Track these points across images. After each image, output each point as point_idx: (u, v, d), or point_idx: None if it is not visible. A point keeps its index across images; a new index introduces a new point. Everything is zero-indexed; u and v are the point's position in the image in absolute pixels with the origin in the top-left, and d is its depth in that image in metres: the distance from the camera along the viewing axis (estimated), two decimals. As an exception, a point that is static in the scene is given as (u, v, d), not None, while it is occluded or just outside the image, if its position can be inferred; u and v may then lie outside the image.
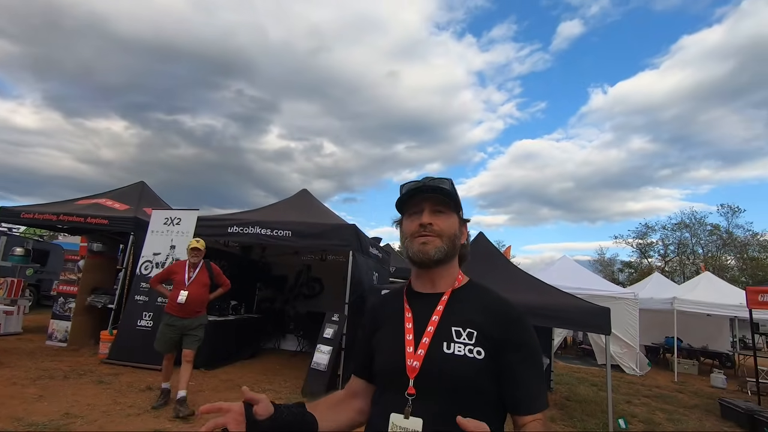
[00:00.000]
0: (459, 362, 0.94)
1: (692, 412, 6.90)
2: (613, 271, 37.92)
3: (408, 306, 1.08)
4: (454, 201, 1.07)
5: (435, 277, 1.08)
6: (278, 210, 7.42)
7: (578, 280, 10.99)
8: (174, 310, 4.52)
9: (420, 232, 1.04)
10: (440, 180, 1.08)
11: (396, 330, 1.05)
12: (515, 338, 0.98)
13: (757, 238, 31.42)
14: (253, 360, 7.43)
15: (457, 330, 0.98)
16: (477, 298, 1.06)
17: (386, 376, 1.04)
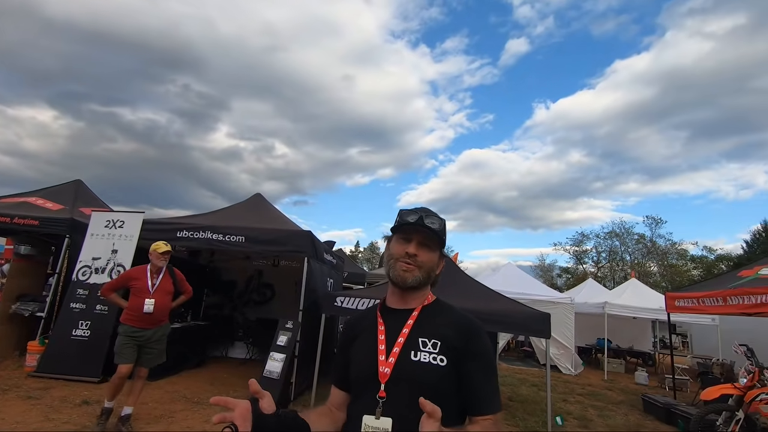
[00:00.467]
0: (424, 368, 1.07)
1: (619, 407, 7.54)
2: (552, 276, 40.28)
3: (381, 320, 1.21)
4: (440, 240, 1.21)
5: (408, 297, 1.21)
6: (231, 214, 7.23)
7: (521, 286, 11.63)
8: (135, 321, 4.13)
9: (404, 259, 1.17)
10: (435, 218, 1.20)
11: (370, 340, 1.18)
12: (474, 349, 1.12)
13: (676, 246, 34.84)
14: (200, 369, 7.15)
15: (424, 340, 1.12)
16: (442, 314, 1.20)
17: (360, 381, 1.15)
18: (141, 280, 4.24)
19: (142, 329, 4.15)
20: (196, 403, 5.21)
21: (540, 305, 8.20)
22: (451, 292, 5.12)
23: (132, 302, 4.19)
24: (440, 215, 1.23)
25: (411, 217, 1.19)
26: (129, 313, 4.17)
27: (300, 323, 5.77)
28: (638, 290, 13.55)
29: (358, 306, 5.57)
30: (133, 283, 4.25)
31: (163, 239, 6.43)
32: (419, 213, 1.20)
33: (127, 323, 4.14)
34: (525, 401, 7.13)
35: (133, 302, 4.18)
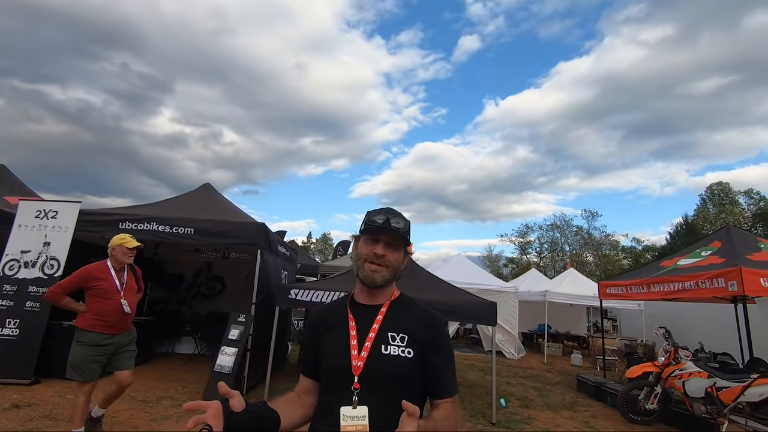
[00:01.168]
0: (394, 361, 1.16)
1: (556, 387, 8.15)
2: (499, 266, 42.17)
3: (351, 315, 1.27)
4: (405, 240, 1.28)
5: (376, 293, 1.29)
6: (178, 205, 6.92)
7: (470, 276, 12.13)
8: (105, 327, 3.59)
9: (372, 259, 1.23)
10: (400, 219, 1.27)
11: (341, 335, 1.24)
12: (437, 340, 1.24)
13: (609, 238, 37.71)
14: (144, 366, 6.83)
15: (392, 335, 1.21)
16: (408, 309, 1.29)
17: (333, 374, 1.21)
18: (106, 280, 3.68)
19: (113, 335, 3.64)
20: (141, 401, 5.01)
21: (487, 294, 8.62)
22: (407, 283, 5.26)
23: (98, 306, 3.61)
24: (404, 215, 1.30)
25: (378, 218, 1.25)
26: (95, 318, 3.58)
27: (252, 317, 5.69)
28: (575, 279, 14.58)
29: (312, 298, 5.58)
30: (96, 283, 3.65)
31: (102, 231, 6.09)
32: (386, 214, 1.26)
33: (94, 330, 3.55)
34: (472, 385, 7.52)
35: (99, 306, 3.61)
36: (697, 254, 7.31)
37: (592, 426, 5.63)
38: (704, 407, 5.21)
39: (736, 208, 34.98)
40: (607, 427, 5.62)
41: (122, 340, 3.75)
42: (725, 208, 34.65)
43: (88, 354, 3.53)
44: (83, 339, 3.56)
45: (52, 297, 3.64)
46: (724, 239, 7.15)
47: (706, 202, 37.15)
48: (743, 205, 35.72)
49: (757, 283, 5.55)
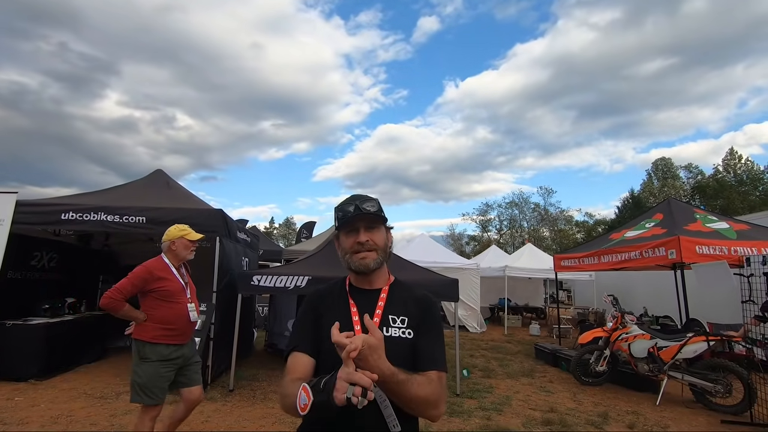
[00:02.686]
0: (395, 342, 1.21)
1: (516, 357, 8.58)
2: (461, 244, 43.29)
3: (352, 300, 1.30)
4: (382, 218, 1.30)
5: (372, 278, 1.32)
6: (127, 193, 6.56)
7: (433, 255, 12.39)
8: (172, 337, 3.05)
9: (358, 249, 1.26)
10: (369, 202, 1.28)
11: (342, 318, 1.21)
12: (430, 320, 1.29)
13: (564, 213, 39.54)
14: (100, 362, 6.57)
15: (393, 317, 1.26)
16: (404, 292, 1.35)
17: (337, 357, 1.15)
18: (170, 280, 3.13)
19: (181, 346, 3.13)
20: (99, 398, 4.83)
21: (450, 272, 8.85)
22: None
23: (161, 312, 3.06)
24: (370, 195, 1.31)
25: (349, 208, 1.27)
26: (160, 328, 3.03)
27: (214, 305, 5.57)
28: (533, 254, 15.23)
29: (276, 284, 5.52)
30: (158, 284, 3.07)
31: (43, 223, 5.71)
32: (353, 202, 1.28)
33: (163, 342, 3.01)
34: (437, 360, 7.77)
35: (163, 311, 3.06)
36: (641, 226, 7.81)
37: (548, 390, 5.99)
38: (647, 366, 5.66)
39: (677, 181, 37.50)
40: (562, 390, 6.00)
41: (189, 352, 3.26)
42: (668, 182, 37.06)
43: (157, 371, 2.97)
44: (150, 354, 2.98)
45: (112, 305, 2.97)
46: (666, 211, 7.67)
47: (651, 177, 39.52)
48: (683, 179, 38.34)
49: (692, 250, 6.02)
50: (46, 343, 5.54)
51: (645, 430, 4.46)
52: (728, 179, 33.94)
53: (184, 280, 3.24)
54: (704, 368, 5.30)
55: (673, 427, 4.56)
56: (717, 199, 31.04)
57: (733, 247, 6.15)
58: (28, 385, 5.15)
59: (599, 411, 5.02)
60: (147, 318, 3.04)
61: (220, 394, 5.16)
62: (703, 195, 33.31)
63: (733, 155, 35.61)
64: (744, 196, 30.96)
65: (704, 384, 5.18)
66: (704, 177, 36.52)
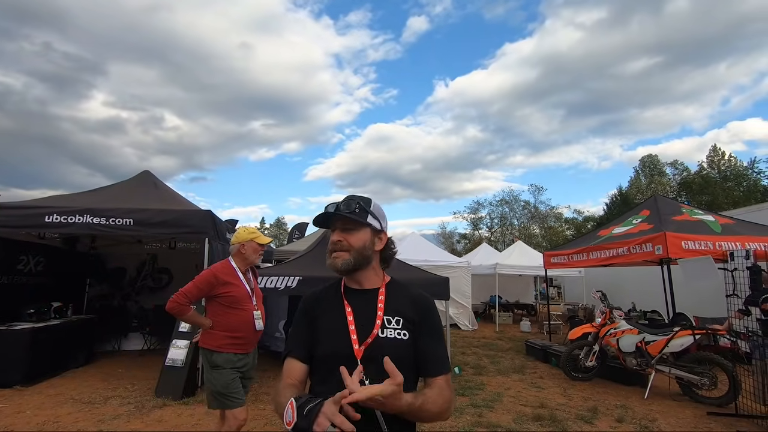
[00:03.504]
0: (392, 343, 1.19)
1: (507, 353, 8.64)
2: (452, 242, 43.39)
3: (347, 301, 1.29)
4: (362, 219, 1.28)
5: (359, 278, 1.31)
6: (114, 194, 6.47)
7: (425, 253, 12.40)
8: (240, 346, 2.91)
9: (332, 248, 1.27)
10: (352, 202, 1.28)
11: (338, 320, 1.25)
12: (428, 321, 1.27)
13: (554, 211, 39.84)
14: (88, 367, 6.47)
15: (388, 318, 1.24)
16: (400, 293, 1.32)
17: (334, 360, 1.13)
18: (237, 285, 2.96)
19: (246, 354, 2.98)
20: (87, 403, 4.75)
21: (441, 270, 8.88)
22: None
23: (227, 318, 2.90)
24: (361, 196, 1.32)
25: (328, 207, 1.29)
26: (226, 336, 2.88)
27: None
28: (523, 251, 15.33)
29: (266, 285, 5.48)
30: (225, 289, 2.91)
31: (26, 226, 5.60)
32: (337, 202, 1.29)
33: (230, 350, 2.87)
34: (429, 358, 7.78)
35: (229, 318, 2.90)
36: (629, 222, 7.91)
37: (538, 386, 6.05)
38: (635, 360, 5.74)
39: (663, 178, 38.03)
40: (552, 386, 6.05)
41: (252, 363, 3.08)
42: (654, 179, 37.57)
43: (230, 375, 2.86)
44: (219, 361, 2.85)
45: (178, 309, 2.87)
46: (652, 207, 7.78)
47: (639, 174, 40.02)
48: (669, 175, 38.90)
49: (678, 246, 6.11)
50: (32, 348, 5.44)
51: (633, 423, 4.53)
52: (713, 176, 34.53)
53: (250, 286, 3.07)
54: (690, 361, 5.39)
55: (661, 420, 4.63)
56: (702, 195, 31.56)
57: (718, 242, 6.26)
58: (13, 392, 5.05)
59: (589, 406, 5.08)
60: (212, 325, 2.91)
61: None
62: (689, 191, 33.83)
63: (716, 152, 36.21)
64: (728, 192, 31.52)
65: (691, 377, 5.27)
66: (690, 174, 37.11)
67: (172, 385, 5.04)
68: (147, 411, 4.55)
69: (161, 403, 4.81)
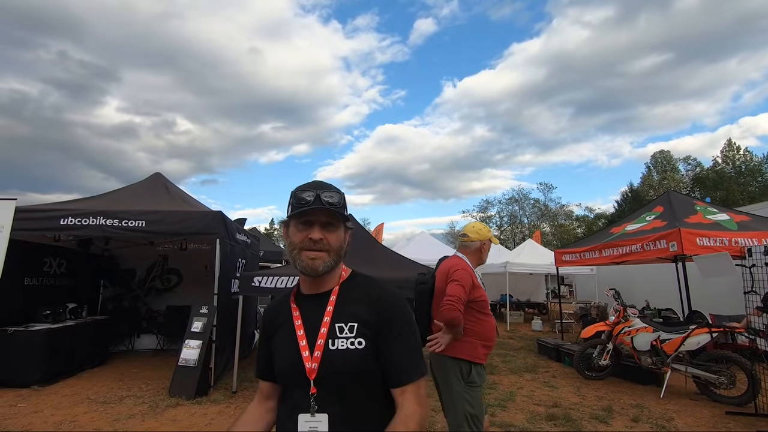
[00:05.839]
0: (342, 356, 1.02)
1: (519, 352, 8.56)
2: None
3: (297, 310, 1.13)
4: (343, 215, 1.10)
5: (320, 281, 1.12)
6: (126, 197, 6.55)
7: (434, 253, 12.32)
8: (484, 355, 2.57)
9: (309, 246, 1.05)
10: (332, 192, 1.07)
11: (290, 334, 1.09)
12: (387, 320, 1.06)
13: (564, 209, 39.45)
14: (103, 367, 6.56)
15: (340, 326, 1.05)
16: (358, 291, 1.12)
17: (288, 378, 1.09)
18: (482, 288, 2.61)
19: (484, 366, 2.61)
20: (102, 403, 4.82)
21: (451, 269, 8.81)
22: (370, 264, 5.30)
23: (481, 325, 2.55)
24: (335, 186, 1.11)
25: (307, 195, 1.05)
26: (483, 345, 2.54)
27: (215, 307, 5.55)
28: (533, 249, 15.20)
29: (277, 285, 5.50)
30: (477, 293, 2.55)
31: (42, 228, 5.69)
32: (315, 190, 1.06)
33: (482, 361, 2.53)
34: (440, 358, 7.75)
35: (483, 325, 2.56)
36: (642, 219, 7.79)
37: (551, 385, 5.98)
38: (650, 359, 5.65)
39: (676, 174, 37.46)
40: (565, 385, 5.98)
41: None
42: (667, 175, 37.02)
43: (481, 396, 2.51)
44: (476, 377, 2.48)
45: (460, 319, 2.39)
46: (666, 204, 7.65)
47: (651, 170, 39.46)
48: (682, 171, 38.31)
49: (693, 242, 6.00)
50: (48, 349, 5.54)
51: (649, 423, 4.45)
52: (727, 171, 33.90)
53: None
54: (708, 360, 5.29)
55: (678, 420, 4.55)
56: (716, 191, 31.01)
57: (734, 238, 6.13)
58: (31, 391, 5.14)
59: (603, 405, 5.00)
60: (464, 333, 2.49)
61: (224, 396, 5.15)
62: (703, 187, 33.27)
63: (731, 147, 35.56)
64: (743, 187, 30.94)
65: (708, 376, 5.17)
66: (703, 169, 36.48)
67: (185, 385, 5.09)
68: (161, 410, 4.60)
69: (175, 402, 4.86)
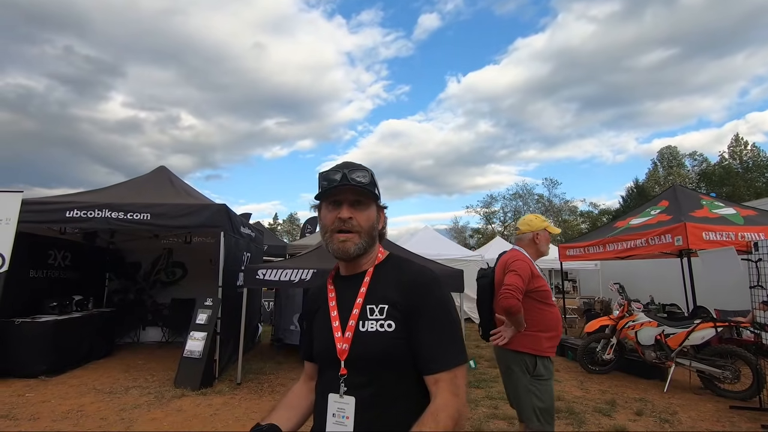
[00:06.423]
0: (372, 338, 1.00)
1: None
2: (465, 237, 43.18)
3: (333, 291, 1.13)
4: (374, 191, 1.08)
5: (356, 262, 1.11)
6: (131, 190, 6.57)
7: (437, 248, 12.37)
8: (554, 349, 2.57)
9: (339, 227, 1.05)
10: (361, 171, 1.06)
11: (325, 314, 1.10)
12: (420, 303, 1.02)
13: (568, 204, 39.34)
14: (108, 358, 6.63)
15: (371, 308, 1.03)
16: (393, 273, 1.09)
17: (322, 358, 1.11)
18: (542, 277, 2.62)
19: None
20: (109, 393, 4.87)
21: (454, 264, 8.82)
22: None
23: (545, 317, 2.52)
24: (364, 165, 1.09)
25: (334, 175, 1.04)
26: (548, 337, 2.50)
27: (220, 300, 5.58)
28: (537, 244, 15.14)
29: (281, 278, 5.53)
30: (538, 284, 2.55)
31: (48, 221, 5.73)
32: (342, 169, 1.05)
33: (549, 354, 2.50)
34: (443, 351, 7.77)
35: (547, 317, 2.52)
36: (647, 213, 7.74)
37: (555, 379, 5.96)
38: (654, 353, 5.64)
39: (682, 169, 37.18)
40: (569, 379, 5.98)
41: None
42: (673, 170, 36.76)
43: (552, 389, 2.47)
44: (543, 371, 2.45)
45: (517, 306, 2.36)
46: (671, 198, 7.59)
47: (657, 165, 39.19)
48: (688, 167, 38.00)
49: (699, 236, 5.95)
50: (55, 340, 5.59)
51: (653, 416, 4.45)
52: (734, 166, 33.60)
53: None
54: (712, 354, 5.27)
55: (681, 413, 4.54)
56: (723, 187, 30.76)
57: (741, 233, 6.08)
58: (38, 382, 5.21)
59: (606, 399, 5.00)
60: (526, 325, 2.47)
61: (228, 388, 5.20)
62: (709, 182, 33.02)
63: (738, 142, 35.23)
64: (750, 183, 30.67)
65: (712, 370, 5.15)
66: (709, 165, 36.19)
67: (190, 376, 5.14)
68: (166, 401, 4.65)
69: (180, 393, 4.90)
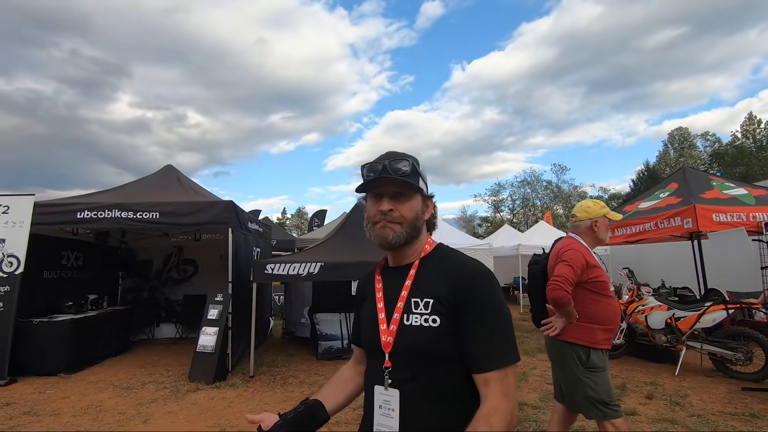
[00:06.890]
0: (416, 332, 0.99)
1: (532, 334, 8.58)
2: (473, 225, 43.06)
3: (380, 282, 1.13)
4: (416, 183, 1.06)
5: (403, 253, 1.10)
6: (139, 189, 6.67)
7: (445, 237, 12.32)
8: (610, 341, 2.51)
9: (379, 218, 1.05)
10: (402, 161, 1.05)
11: (372, 305, 1.11)
12: (466, 299, 0.98)
13: (577, 190, 38.89)
14: (124, 355, 6.79)
15: (416, 301, 1.02)
16: (440, 265, 1.07)
17: (369, 349, 1.12)
18: (600, 267, 2.50)
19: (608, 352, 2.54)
20: (126, 389, 5.00)
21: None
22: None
23: (600, 308, 2.44)
24: (407, 154, 1.09)
25: (375, 166, 1.05)
26: (602, 329, 2.43)
27: (230, 295, 5.67)
28: (546, 231, 15.06)
29: (289, 272, 5.59)
30: (593, 273, 2.46)
31: (60, 222, 5.85)
32: (383, 160, 1.05)
33: (604, 347, 2.45)
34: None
35: (603, 308, 2.45)
36: (656, 196, 7.64)
37: (565, 365, 5.99)
38: (665, 337, 5.61)
39: (694, 151, 36.50)
40: (579, 365, 5.99)
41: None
42: (684, 152, 36.11)
43: (608, 377, 2.44)
44: (597, 362, 2.40)
45: (566, 298, 2.32)
46: (680, 180, 7.48)
47: (668, 147, 38.53)
48: (700, 148, 37.30)
49: (709, 218, 5.87)
50: (73, 338, 5.74)
51: (663, 399, 4.45)
52: (747, 145, 32.90)
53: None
54: (724, 337, 5.24)
55: (693, 396, 4.53)
56: (736, 167, 30.16)
57: (752, 213, 5.98)
58: (58, 379, 5.36)
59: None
60: (579, 316, 2.41)
61: (242, 380, 5.30)
62: (722, 163, 32.39)
63: (752, 120, 34.44)
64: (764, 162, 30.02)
65: (724, 352, 5.13)
66: (722, 145, 35.47)
67: (203, 370, 5.25)
68: (182, 395, 4.76)
69: (194, 387, 5.02)
